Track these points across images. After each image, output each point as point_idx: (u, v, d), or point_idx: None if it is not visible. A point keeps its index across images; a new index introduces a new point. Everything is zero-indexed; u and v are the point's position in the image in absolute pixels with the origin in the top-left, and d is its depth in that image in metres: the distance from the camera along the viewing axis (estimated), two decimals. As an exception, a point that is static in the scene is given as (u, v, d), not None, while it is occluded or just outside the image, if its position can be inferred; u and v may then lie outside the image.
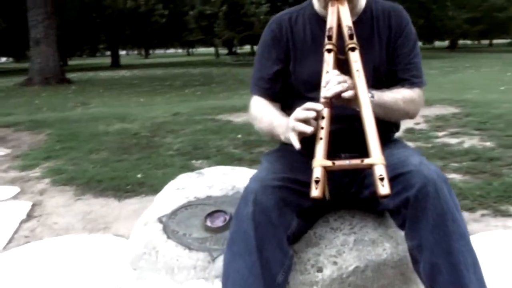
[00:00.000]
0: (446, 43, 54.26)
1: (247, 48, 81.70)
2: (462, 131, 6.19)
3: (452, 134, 6.05)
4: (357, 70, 1.65)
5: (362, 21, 1.95)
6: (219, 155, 5.48)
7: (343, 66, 1.73)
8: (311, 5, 2.06)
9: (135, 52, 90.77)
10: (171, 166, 5.06)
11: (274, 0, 20.04)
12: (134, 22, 39.72)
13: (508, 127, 6.20)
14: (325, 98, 1.63)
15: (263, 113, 1.98)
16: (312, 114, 1.58)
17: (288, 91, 2.03)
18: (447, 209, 1.55)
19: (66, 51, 43.89)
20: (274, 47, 2.02)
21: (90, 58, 65.66)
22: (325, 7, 1.90)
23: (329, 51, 1.74)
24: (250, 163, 5.12)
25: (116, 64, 42.84)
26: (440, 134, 6.09)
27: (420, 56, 2.01)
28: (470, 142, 5.60)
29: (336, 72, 1.67)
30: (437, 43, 57.92)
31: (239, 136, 6.39)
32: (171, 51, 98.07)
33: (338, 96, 1.62)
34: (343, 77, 1.65)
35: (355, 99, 1.61)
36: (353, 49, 1.71)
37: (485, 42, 63.33)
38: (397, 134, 2.12)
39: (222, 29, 40.80)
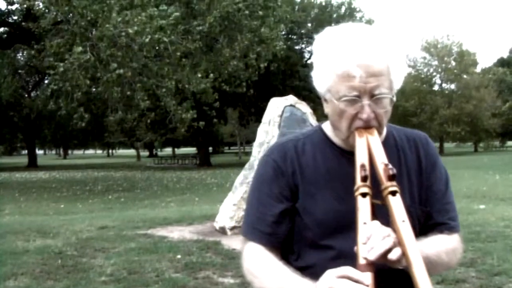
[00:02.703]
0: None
1: (168, 150, 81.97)
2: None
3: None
4: (403, 221, 1.30)
5: (386, 152, 1.56)
6: (160, 281, 4.90)
7: (377, 212, 1.38)
8: (320, 130, 1.68)
9: (53, 151, 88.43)
10: (105, 298, 4.43)
11: (200, 106, 20.10)
12: (53, 123, 38.81)
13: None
14: (368, 260, 1.26)
15: (265, 269, 1.52)
16: None
17: (294, 236, 1.61)
18: None
19: (-21, 150, 42.13)
20: (277, 182, 1.60)
21: (6, 157, 62.99)
22: (348, 137, 1.53)
23: (363, 195, 1.38)
24: (196, 292, 4.60)
25: (33, 164, 41.23)
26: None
27: (453, 194, 1.70)
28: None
29: (377, 223, 1.31)
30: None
31: (179, 256, 5.85)
32: (90, 151, 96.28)
33: (382, 255, 1.26)
34: (386, 230, 1.30)
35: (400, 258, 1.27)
36: (393, 193, 1.36)
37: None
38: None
39: (144, 132, 40.69)
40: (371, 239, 1.27)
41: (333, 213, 1.52)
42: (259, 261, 1.55)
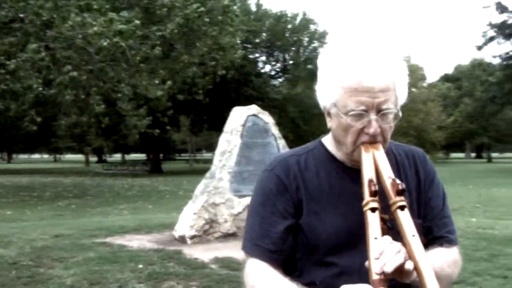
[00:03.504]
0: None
1: (117, 156, 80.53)
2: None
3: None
4: (413, 235, 1.32)
5: None
6: (124, 292, 4.79)
7: (386, 228, 1.40)
8: (321, 145, 1.67)
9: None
10: (67, 310, 4.29)
11: (153, 113, 19.97)
12: (-2, 125, 37.49)
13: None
14: (381, 274, 1.26)
15: (272, 285, 1.48)
16: None
17: (297, 253, 1.59)
18: None
19: None
20: (280, 197, 1.58)
21: None
22: (353, 151, 1.53)
23: (373, 210, 1.38)
24: (161, 303, 4.52)
25: (-26, 168, 39.65)
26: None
27: (450, 208, 1.72)
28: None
29: (389, 238, 1.32)
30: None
31: (140, 266, 5.72)
32: (36, 156, 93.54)
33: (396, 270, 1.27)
34: (398, 245, 1.30)
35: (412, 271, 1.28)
36: (402, 208, 1.37)
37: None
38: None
39: (95, 137, 39.87)
40: (384, 254, 1.27)
41: (337, 230, 1.53)
42: (265, 278, 1.52)
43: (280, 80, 46.34)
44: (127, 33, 12.95)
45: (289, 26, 41.28)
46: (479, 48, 35.69)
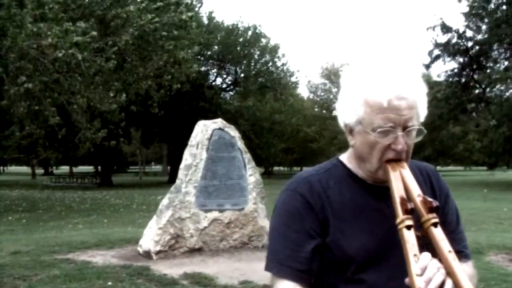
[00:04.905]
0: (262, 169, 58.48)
1: (64, 168, 78.37)
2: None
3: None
4: (450, 251, 1.35)
5: None
6: (96, 311, 4.67)
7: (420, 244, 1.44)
8: (340, 163, 1.69)
9: None
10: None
11: (106, 125, 19.67)
12: None
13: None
14: None
15: None
16: None
17: (325, 271, 1.60)
18: None
19: None
20: (307, 217, 1.58)
21: None
22: (377, 169, 1.56)
23: (408, 227, 1.41)
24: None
25: None
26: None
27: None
28: None
29: (429, 255, 1.35)
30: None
31: (110, 283, 5.60)
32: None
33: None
34: (437, 262, 1.33)
35: None
36: (435, 225, 1.40)
37: (297, 168, 69.60)
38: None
39: (42, 149, 38.70)
40: (427, 270, 1.30)
41: (364, 247, 1.55)
42: None
43: (231, 93, 46.44)
44: (83, 45, 12.71)
45: (241, 39, 41.46)
46: (427, 66, 36.65)
